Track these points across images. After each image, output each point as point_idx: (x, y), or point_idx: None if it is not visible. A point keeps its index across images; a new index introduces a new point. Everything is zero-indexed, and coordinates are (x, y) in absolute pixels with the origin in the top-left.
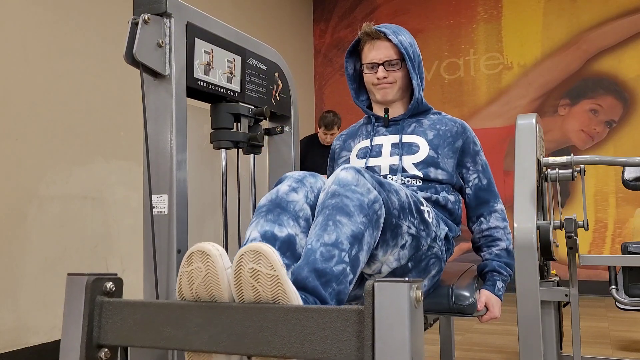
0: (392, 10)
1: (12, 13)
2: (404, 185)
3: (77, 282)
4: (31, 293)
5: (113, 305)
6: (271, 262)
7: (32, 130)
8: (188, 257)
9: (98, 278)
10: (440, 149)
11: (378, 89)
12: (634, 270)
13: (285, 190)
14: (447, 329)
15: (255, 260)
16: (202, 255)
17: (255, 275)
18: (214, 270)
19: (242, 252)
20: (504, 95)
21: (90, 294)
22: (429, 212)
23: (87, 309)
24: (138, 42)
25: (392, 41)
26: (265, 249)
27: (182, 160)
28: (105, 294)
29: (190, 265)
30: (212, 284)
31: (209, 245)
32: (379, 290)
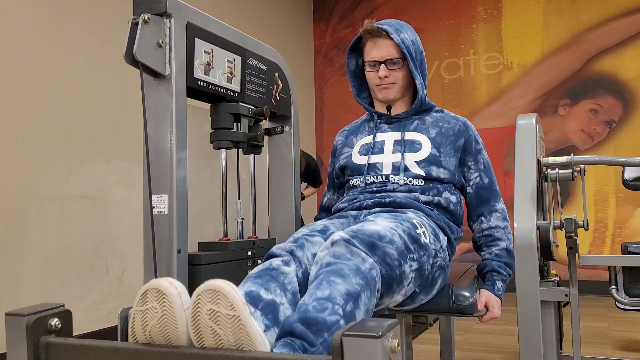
0: (392, 10)
1: (12, 13)
2: (407, 186)
3: (17, 323)
4: (31, 293)
5: (59, 348)
6: (231, 302)
7: (32, 130)
8: (142, 295)
9: (40, 317)
10: (442, 147)
11: (380, 89)
12: (634, 270)
13: (277, 263)
14: (447, 329)
15: (213, 300)
16: (157, 294)
17: (215, 317)
18: (170, 311)
19: (198, 292)
20: (504, 95)
21: (32, 335)
22: (424, 233)
23: (31, 354)
24: (138, 42)
25: (394, 40)
26: (223, 286)
27: (182, 160)
28: (51, 332)
29: (145, 305)
30: (168, 327)
31: (166, 282)
32: (348, 347)
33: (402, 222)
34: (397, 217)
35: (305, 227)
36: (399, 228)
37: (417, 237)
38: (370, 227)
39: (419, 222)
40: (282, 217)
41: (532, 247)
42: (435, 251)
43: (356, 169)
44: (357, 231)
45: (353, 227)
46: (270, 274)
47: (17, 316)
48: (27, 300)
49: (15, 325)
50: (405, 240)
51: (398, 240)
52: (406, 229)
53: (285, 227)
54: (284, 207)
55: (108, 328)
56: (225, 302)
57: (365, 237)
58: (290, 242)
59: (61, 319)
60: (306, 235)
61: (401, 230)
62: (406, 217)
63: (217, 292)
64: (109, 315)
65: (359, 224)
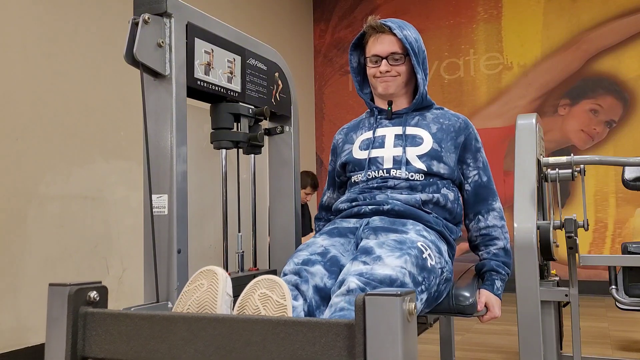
0: (392, 10)
1: (12, 13)
2: (408, 182)
3: (59, 293)
4: (31, 293)
5: (97, 317)
6: (284, 293)
7: (32, 130)
8: (195, 276)
9: (81, 288)
10: (443, 142)
11: (380, 82)
12: (634, 270)
13: None
14: (447, 329)
15: (270, 287)
16: (209, 273)
17: (265, 299)
18: (214, 289)
19: (258, 279)
20: (503, 95)
21: (73, 304)
22: (430, 255)
23: (71, 321)
24: (138, 42)
25: (397, 35)
26: (281, 281)
27: (182, 160)
28: (89, 303)
29: (194, 283)
30: (207, 301)
31: (220, 269)
32: (370, 304)
33: (408, 252)
34: (402, 245)
35: (305, 245)
36: (408, 263)
37: (424, 264)
38: (381, 271)
39: (423, 245)
40: (282, 217)
41: (532, 247)
42: (441, 269)
43: (357, 164)
44: (369, 277)
45: (364, 270)
46: None
47: (60, 286)
48: (27, 300)
49: (58, 294)
50: (414, 275)
51: (409, 281)
52: (414, 260)
53: (285, 227)
54: (284, 207)
55: None
56: (279, 291)
57: (377, 284)
58: (294, 276)
59: (99, 293)
60: (305, 267)
61: (410, 264)
62: (410, 241)
63: (275, 282)
64: None
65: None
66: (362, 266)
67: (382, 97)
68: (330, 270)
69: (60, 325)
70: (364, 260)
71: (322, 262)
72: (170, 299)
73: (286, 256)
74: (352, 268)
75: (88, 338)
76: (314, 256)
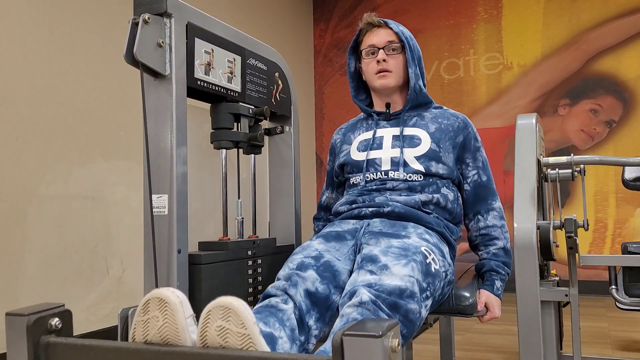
0: (392, 10)
1: (12, 13)
2: (406, 183)
3: (17, 323)
4: (31, 293)
5: (59, 347)
6: (242, 320)
7: (32, 130)
8: (144, 305)
9: (40, 317)
10: (442, 142)
11: (378, 77)
12: (634, 270)
13: (276, 301)
14: (447, 329)
15: (224, 317)
16: (159, 303)
17: (224, 333)
18: (172, 318)
19: (209, 308)
20: (503, 95)
21: (32, 335)
22: (433, 259)
23: (32, 353)
24: (138, 42)
25: (393, 29)
26: (236, 304)
27: (182, 159)
28: (51, 332)
29: (147, 315)
30: (169, 334)
31: (168, 291)
32: (349, 346)
33: (414, 258)
34: (407, 252)
35: (301, 249)
36: (415, 270)
37: (428, 270)
38: (389, 281)
39: (426, 249)
40: (282, 217)
41: (532, 247)
42: (445, 272)
43: (355, 165)
44: (379, 289)
45: (372, 280)
46: (269, 310)
47: (17, 316)
48: (27, 300)
49: (16, 324)
50: (421, 283)
51: (417, 290)
52: (419, 267)
53: (285, 227)
54: (284, 207)
55: (108, 328)
56: (237, 320)
57: (387, 296)
58: (283, 281)
59: (62, 319)
60: (298, 271)
61: (417, 271)
62: (414, 247)
63: (228, 309)
64: (109, 315)
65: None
66: (370, 276)
67: (380, 92)
68: (322, 275)
69: (21, 359)
70: (371, 269)
71: (314, 266)
72: None
73: (286, 256)
74: (359, 278)
75: None
76: (307, 259)
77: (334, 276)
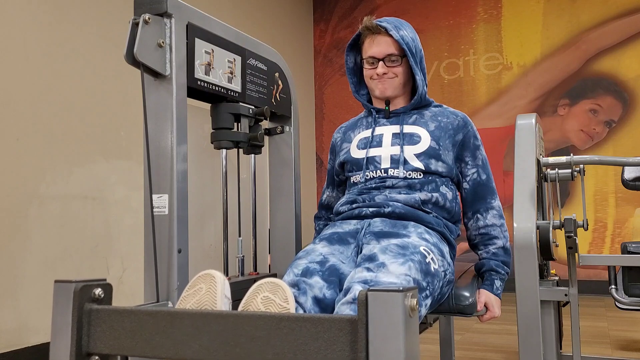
0: (392, 10)
1: (13, 13)
2: (405, 181)
3: (65, 289)
4: (31, 293)
5: (102, 313)
6: (287, 296)
7: (32, 130)
8: (193, 281)
9: (86, 285)
10: (441, 140)
11: (376, 84)
12: (633, 270)
13: None
14: (447, 329)
15: (272, 290)
16: (206, 277)
17: (268, 302)
18: (213, 291)
19: (261, 282)
20: (503, 96)
21: (78, 301)
22: (433, 259)
23: (76, 317)
24: (139, 42)
25: (393, 37)
26: (284, 285)
27: (182, 160)
28: (94, 300)
29: (193, 288)
30: (207, 303)
31: (218, 272)
32: (372, 300)
33: (412, 258)
34: (405, 251)
35: (305, 253)
36: (412, 269)
37: (427, 269)
38: (385, 278)
39: (425, 249)
40: (282, 217)
41: (532, 246)
42: (444, 272)
43: (355, 163)
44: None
45: (368, 277)
46: None
47: (66, 283)
48: (28, 300)
49: (64, 291)
50: (419, 281)
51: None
52: (417, 266)
53: (285, 227)
54: (284, 207)
55: None
56: (282, 294)
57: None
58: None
59: (104, 290)
60: (303, 278)
61: (414, 270)
62: (413, 246)
63: (278, 285)
64: None
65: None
66: (367, 273)
67: (379, 98)
68: (328, 281)
69: (66, 322)
70: (368, 266)
71: (320, 271)
72: (170, 298)
73: (286, 256)
74: (356, 275)
75: (93, 334)
76: (312, 265)
77: (340, 280)
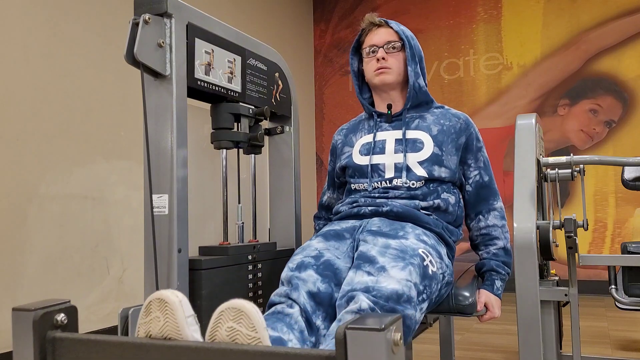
0: (392, 10)
1: (13, 13)
2: (408, 191)
3: (24, 318)
4: (32, 293)
5: (65, 342)
6: (253, 323)
7: (32, 130)
8: (146, 307)
9: (46, 312)
10: (444, 145)
11: (376, 74)
12: (633, 270)
13: (281, 307)
14: (447, 329)
15: (236, 319)
16: (160, 304)
17: (234, 335)
18: (172, 318)
19: (222, 309)
20: (503, 96)
21: (39, 330)
22: (431, 262)
23: (37, 347)
24: (139, 42)
25: (394, 28)
26: (248, 307)
27: (182, 160)
28: (57, 327)
29: (149, 316)
30: (171, 333)
31: (168, 292)
32: (352, 340)
33: (411, 262)
34: (405, 255)
35: (301, 249)
36: (412, 274)
37: (426, 272)
38: (386, 284)
39: (424, 251)
40: (282, 216)
41: (532, 246)
42: (442, 274)
43: (358, 169)
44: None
45: (369, 282)
46: (276, 317)
47: (24, 311)
48: (28, 300)
49: (23, 319)
50: (418, 286)
51: (414, 294)
52: (417, 270)
53: (285, 227)
54: (285, 207)
55: (108, 328)
56: (248, 323)
57: (385, 302)
58: (285, 287)
59: (67, 315)
60: (297, 272)
61: (414, 275)
62: (412, 249)
63: (241, 311)
64: (109, 315)
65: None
66: (367, 277)
67: (380, 90)
68: (323, 274)
69: (27, 353)
70: (368, 270)
71: (314, 265)
72: None
73: None
74: (356, 279)
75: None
76: (307, 259)
77: (334, 274)
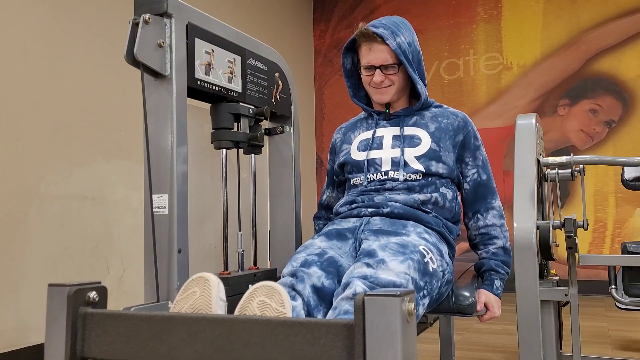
0: (392, 10)
1: (13, 13)
2: (405, 183)
3: (59, 293)
4: (32, 293)
5: (96, 317)
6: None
7: (32, 130)
8: (186, 285)
9: (80, 288)
10: (442, 142)
11: (374, 92)
12: (633, 270)
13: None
14: (447, 329)
15: (268, 294)
16: (200, 280)
17: (264, 307)
18: (208, 294)
19: (257, 286)
20: (503, 96)
21: (72, 305)
22: (431, 259)
23: (70, 321)
24: (139, 42)
25: (390, 45)
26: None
27: (182, 159)
28: (89, 304)
29: (186, 292)
30: (202, 307)
31: (211, 274)
32: (369, 305)
33: (411, 257)
34: (405, 249)
35: (304, 247)
36: (411, 268)
37: (426, 269)
38: (384, 275)
39: (425, 248)
40: (282, 217)
41: (532, 246)
42: (442, 272)
43: (355, 164)
44: (374, 281)
45: (368, 273)
46: None
47: (59, 286)
48: (28, 299)
49: (58, 295)
50: (417, 281)
51: (411, 287)
52: (416, 265)
53: (285, 227)
54: (284, 207)
55: None
56: (278, 298)
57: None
58: (289, 277)
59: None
60: (303, 268)
61: (413, 270)
62: (412, 245)
63: (274, 289)
64: None
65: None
66: (366, 269)
67: (377, 103)
68: (327, 271)
69: (60, 326)
70: (368, 262)
71: (318, 262)
72: (170, 298)
73: (286, 256)
74: (355, 270)
75: (87, 338)
76: (310, 257)
77: (338, 272)
